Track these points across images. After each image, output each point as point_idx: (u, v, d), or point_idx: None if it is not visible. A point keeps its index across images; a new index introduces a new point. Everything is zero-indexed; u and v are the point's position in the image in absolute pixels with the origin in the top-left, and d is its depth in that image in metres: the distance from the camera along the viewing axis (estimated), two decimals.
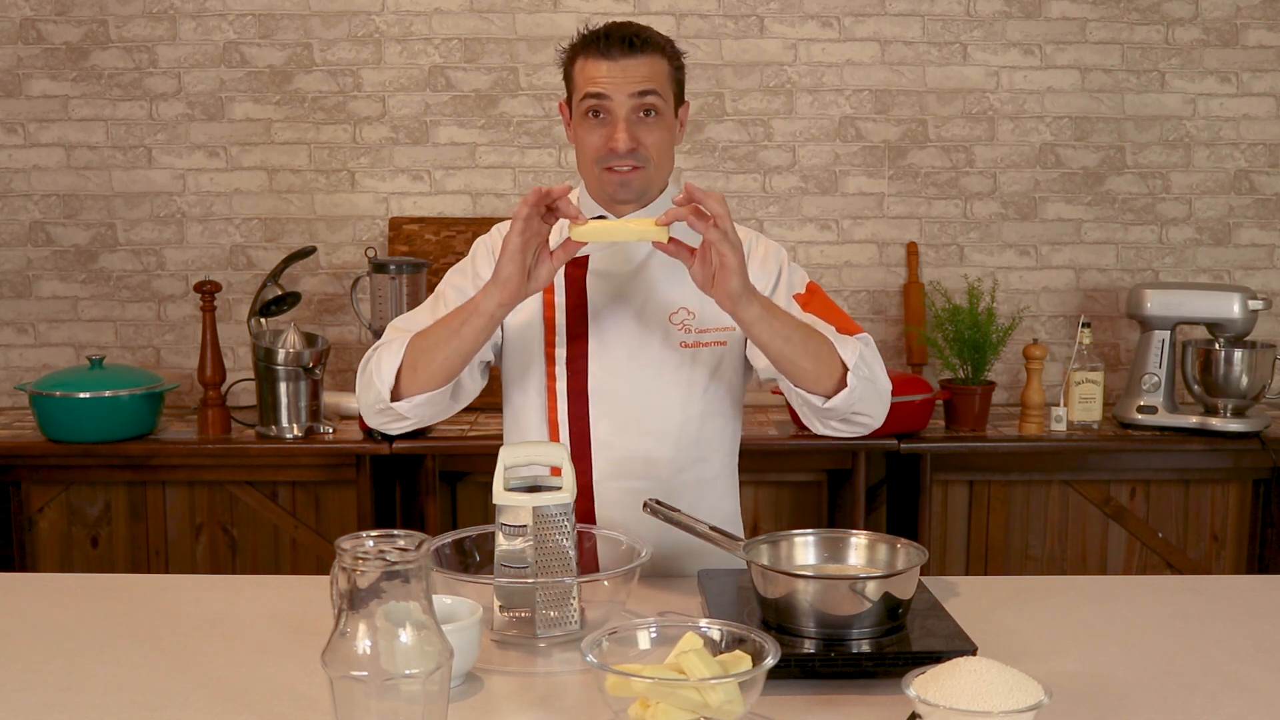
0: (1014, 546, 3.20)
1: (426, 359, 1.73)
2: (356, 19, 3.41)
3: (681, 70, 1.86)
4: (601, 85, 1.77)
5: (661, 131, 1.81)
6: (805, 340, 1.69)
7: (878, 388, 1.76)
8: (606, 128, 1.79)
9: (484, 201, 3.47)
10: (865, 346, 1.77)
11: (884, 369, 1.81)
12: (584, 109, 1.80)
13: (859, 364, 1.71)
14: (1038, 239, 3.52)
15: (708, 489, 1.91)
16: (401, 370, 1.75)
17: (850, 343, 1.74)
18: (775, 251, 1.91)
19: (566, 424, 1.86)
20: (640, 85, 1.77)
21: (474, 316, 1.70)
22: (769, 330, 1.65)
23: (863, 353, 1.73)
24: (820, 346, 1.70)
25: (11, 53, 3.40)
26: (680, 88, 1.86)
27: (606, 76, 1.77)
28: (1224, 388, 3.09)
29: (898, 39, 3.45)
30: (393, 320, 1.89)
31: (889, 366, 3.41)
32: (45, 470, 3.05)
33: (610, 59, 1.77)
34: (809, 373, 1.70)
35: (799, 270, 1.92)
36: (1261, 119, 3.50)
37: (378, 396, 1.77)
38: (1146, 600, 1.75)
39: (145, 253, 3.47)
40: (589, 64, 1.79)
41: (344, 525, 3.08)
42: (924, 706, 1.22)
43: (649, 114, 1.79)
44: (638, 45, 1.78)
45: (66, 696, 1.40)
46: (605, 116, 1.79)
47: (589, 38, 1.81)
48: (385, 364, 1.76)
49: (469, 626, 1.42)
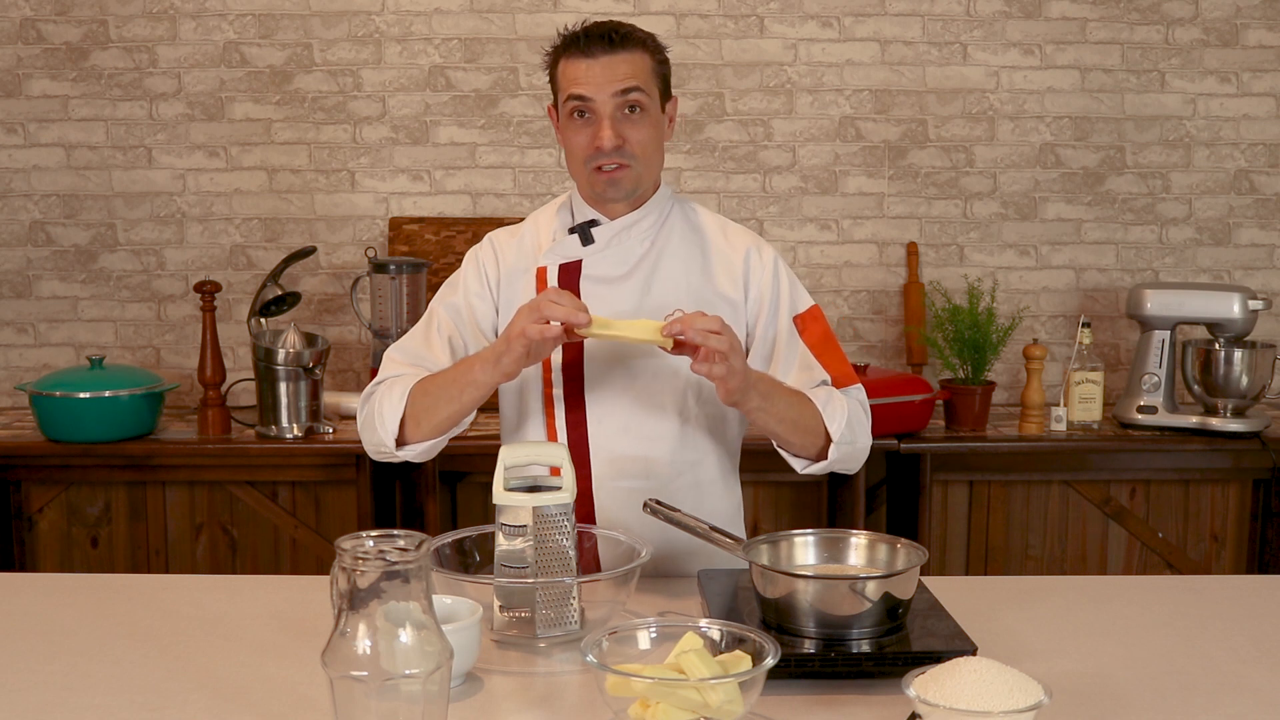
0: (1014, 546, 3.20)
1: (429, 415, 1.77)
2: (356, 19, 3.41)
3: (666, 65, 1.85)
4: (583, 85, 1.77)
5: (647, 128, 1.80)
6: (797, 419, 1.77)
7: (857, 448, 1.84)
8: (592, 127, 1.78)
9: (484, 201, 3.47)
10: (856, 406, 1.84)
11: (869, 426, 1.87)
12: (569, 110, 1.80)
13: (844, 434, 1.79)
14: (1038, 239, 3.52)
15: (706, 491, 1.91)
16: (404, 420, 1.78)
17: (840, 406, 1.80)
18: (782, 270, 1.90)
19: (564, 430, 1.86)
20: (622, 83, 1.76)
21: (471, 388, 1.74)
22: (765, 416, 1.74)
23: (850, 419, 1.80)
24: (810, 422, 1.78)
25: (11, 53, 3.40)
26: (665, 83, 1.85)
27: (587, 75, 1.76)
28: (1224, 388, 3.08)
29: (898, 39, 3.45)
30: (388, 350, 1.90)
31: (889, 367, 3.45)
32: (45, 470, 3.05)
33: (591, 57, 1.76)
34: (795, 445, 1.81)
35: (803, 291, 1.92)
36: (1261, 119, 3.50)
37: (381, 442, 1.81)
38: (1146, 600, 1.75)
39: (145, 253, 3.47)
40: (570, 64, 1.78)
41: (344, 525, 3.08)
42: (924, 706, 1.22)
43: (633, 110, 1.78)
44: (618, 41, 1.77)
45: (66, 696, 1.40)
46: (590, 116, 1.78)
47: (569, 38, 1.80)
48: (388, 413, 1.78)
49: (469, 626, 1.42)
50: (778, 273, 1.89)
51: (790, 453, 1.83)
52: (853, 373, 1.89)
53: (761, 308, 1.88)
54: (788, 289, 1.89)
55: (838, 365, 1.88)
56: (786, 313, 1.89)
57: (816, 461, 1.82)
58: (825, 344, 1.89)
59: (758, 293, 1.88)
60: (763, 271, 1.88)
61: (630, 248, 1.87)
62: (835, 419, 1.78)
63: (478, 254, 1.93)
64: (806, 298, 1.92)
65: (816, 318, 1.90)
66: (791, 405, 1.76)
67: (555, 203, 1.95)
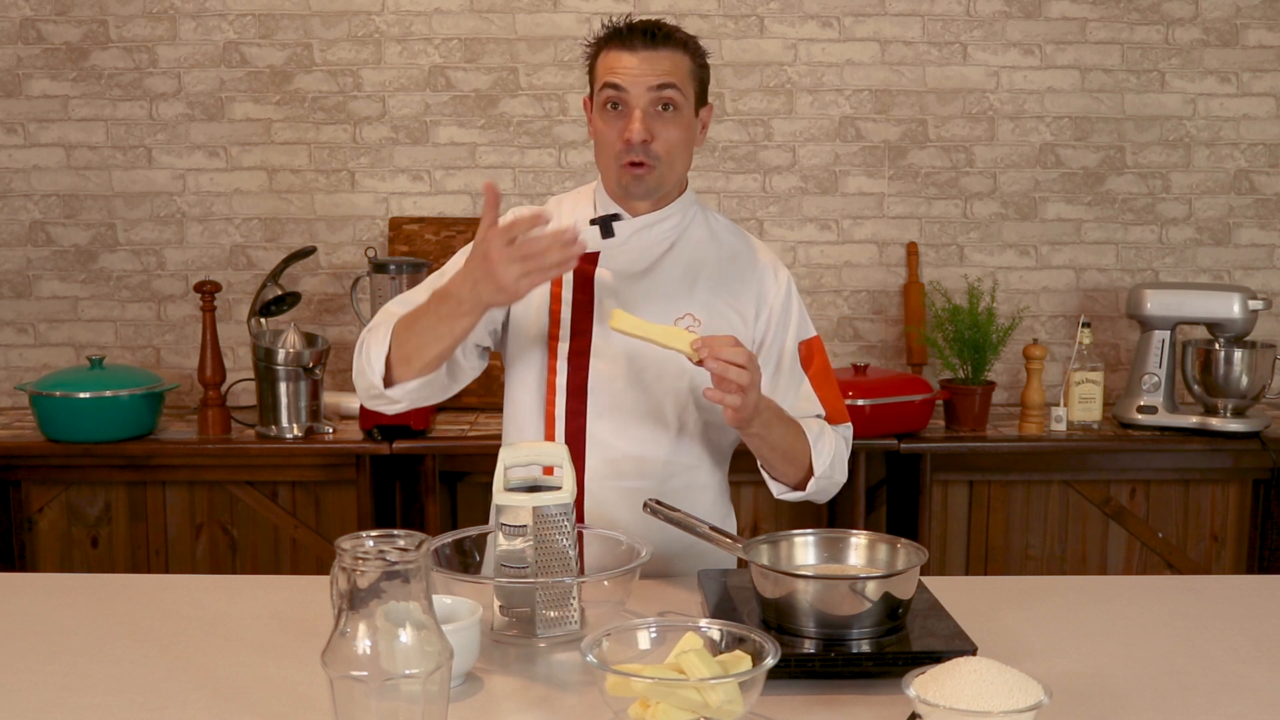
0: (1014, 546, 3.20)
1: (416, 346, 1.72)
2: (356, 19, 3.41)
3: (705, 70, 1.85)
4: (620, 76, 1.77)
5: (678, 128, 1.80)
6: (789, 450, 1.81)
7: (833, 483, 1.89)
8: (624, 120, 1.78)
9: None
10: (842, 444, 1.89)
11: (846, 462, 1.91)
12: (603, 99, 1.80)
13: (826, 472, 1.84)
14: (1038, 239, 3.52)
15: (699, 495, 1.91)
16: (392, 357, 1.74)
17: (828, 444, 1.84)
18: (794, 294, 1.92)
19: (563, 419, 1.86)
20: (660, 78, 1.76)
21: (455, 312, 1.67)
22: (760, 442, 1.77)
23: (834, 459, 1.85)
24: (800, 454, 1.82)
25: (11, 53, 3.40)
26: (703, 87, 1.85)
27: (626, 68, 1.76)
28: (1224, 388, 3.08)
29: (898, 39, 3.45)
30: (389, 302, 1.86)
31: (889, 367, 3.46)
32: (45, 470, 3.05)
33: (632, 50, 1.76)
34: (778, 471, 1.84)
35: (809, 321, 1.95)
36: (1261, 119, 3.50)
37: (370, 384, 1.77)
38: (1146, 600, 1.75)
39: (145, 253, 3.47)
40: (611, 55, 1.79)
41: (344, 525, 3.08)
42: (924, 706, 1.22)
43: (667, 108, 1.78)
44: (659, 38, 1.77)
45: (66, 696, 1.40)
46: (623, 108, 1.78)
47: (612, 30, 1.81)
48: (374, 352, 1.75)
49: (469, 626, 1.42)
50: (790, 295, 1.91)
51: (771, 476, 1.86)
52: (845, 410, 1.93)
53: (770, 326, 1.89)
54: (797, 314, 1.91)
55: (833, 401, 1.91)
56: (794, 336, 1.90)
57: (794, 490, 1.86)
58: (824, 378, 1.92)
59: (769, 311, 1.89)
60: (778, 290, 1.90)
61: (649, 246, 1.87)
62: (822, 456, 1.83)
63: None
64: (811, 327, 1.94)
65: (819, 351, 1.93)
66: (786, 435, 1.80)
67: (582, 190, 1.95)
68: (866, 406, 2.94)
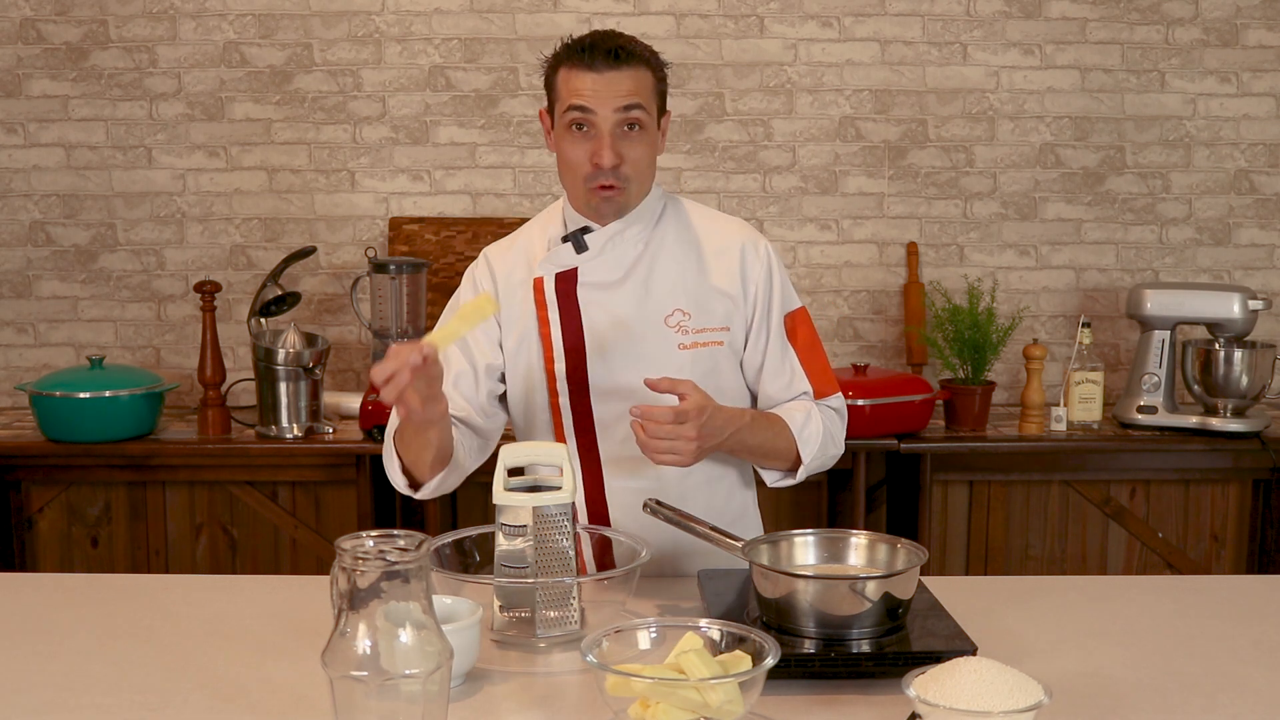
0: (1014, 546, 3.20)
1: (413, 459, 1.76)
2: (356, 19, 3.41)
3: (664, 81, 1.84)
4: (585, 98, 1.75)
5: (644, 146, 1.80)
6: (770, 449, 1.82)
7: (827, 458, 1.89)
8: (591, 142, 1.77)
9: (484, 201, 3.47)
10: (834, 418, 1.89)
11: (844, 432, 1.92)
12: (567, 121, 1.78)
13: (816, 454, 1.85)
14: (1038, 239, 3.52)
15: (717, 486, 1.91)
16: (404, 464, 1.78)
17: (815, 430, 1.84)
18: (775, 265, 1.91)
19: (573, 436, 1.87)
20: (625, 99, 1.75)
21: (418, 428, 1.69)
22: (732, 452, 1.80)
23: (823, 441, 1.85)
24: (783, 450, 1.84)
25: (11, 53, 3.40)
26: (663, 99, 1.84)
27: (591, 89, 1.75)
28: (1224, 388, 3.08)
29: (898, 39, 3.45)
30: None
31: (889, 367, 3.45)
32: (45, 470, 3.05)
33: (595, 71, 1.75)
34: (764, 465, 1.87)
35: (792, 290, 1.94)
36: (1261, 119, 3.50)
37: (401, 488, 1.83)
38: (1146, 600, 1.75)
39: (145, 253, 3.47)
40: (573, 75, 1.77)
41: (344, 525, 3.08)
42: (924, 706, 1.22)
43: (633, 128, 1.78)
44: (623, 58, 1.76)
45: (66, 696, 1.40)
46: (590, 130, 1.77)
47: (573, 47, 1.79)
48: (390, 467, 1.81)
49: (469, 626, 1.42)
50: (772, 268, 1.90)
51: (761, 468, 1.89)
52: (833, 380, 1.93)
53: (758, 304, 1.89)
54: (780, 286, 1.90)
55: (820, 373, 1.91)
56: (779, 311, 1.89)
57: (786, 475, 1.88)
58: (811, 350, 1.91)
59: (755, 289, 1.88)
60: (759, 267, 1.89)
61: (624, 252, 1.86)
62: (809, 444, 1.83)
63: (474, 273, 1.93)
64: (795, 297, 1.93)
65: (804, 320, 1.92)
66: (765, 438, 1.81)
67: (547, 212, 1.95)
68: (866, 406, 2.94)
